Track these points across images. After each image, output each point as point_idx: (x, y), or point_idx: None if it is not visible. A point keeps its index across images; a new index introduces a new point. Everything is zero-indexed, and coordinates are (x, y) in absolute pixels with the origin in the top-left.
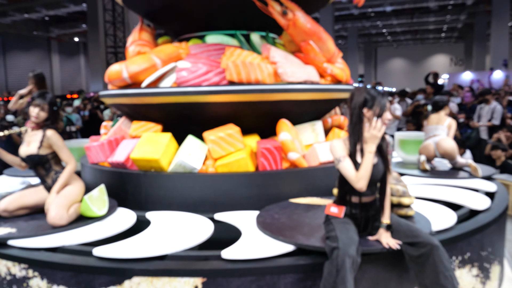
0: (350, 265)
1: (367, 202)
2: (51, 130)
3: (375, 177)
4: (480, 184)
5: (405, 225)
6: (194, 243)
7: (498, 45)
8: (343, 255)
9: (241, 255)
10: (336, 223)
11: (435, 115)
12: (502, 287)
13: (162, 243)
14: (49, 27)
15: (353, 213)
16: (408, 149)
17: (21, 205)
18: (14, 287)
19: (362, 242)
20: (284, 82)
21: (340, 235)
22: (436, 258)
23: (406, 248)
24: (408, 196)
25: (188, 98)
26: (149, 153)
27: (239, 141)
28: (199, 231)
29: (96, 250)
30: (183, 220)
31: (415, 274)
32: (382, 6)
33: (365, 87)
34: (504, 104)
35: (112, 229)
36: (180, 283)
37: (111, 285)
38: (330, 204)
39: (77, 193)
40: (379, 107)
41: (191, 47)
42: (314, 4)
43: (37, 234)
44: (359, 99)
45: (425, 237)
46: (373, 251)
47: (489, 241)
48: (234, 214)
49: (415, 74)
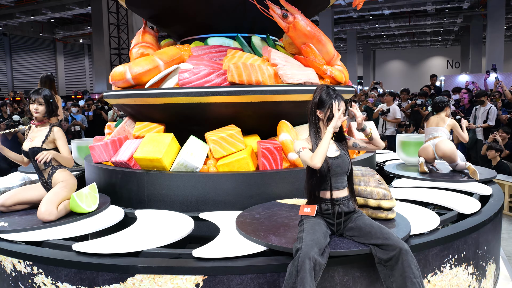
0: (310, 267)
1: (338, 198)
2: (58, 127)
3: (342, 169)
4: (476, 187)
5: (377, 227)
6: (169, 241)
7: (494, 48)
8: (304, 256)
9: (210, 254)
10: (307, 223)
11: (435, 117)
12: (498, 285)
13: (139, 240)
14: (55, 29)
15: (325, 211)
16: (409, 151)
17: (18, 201)
18: (19, 283)
19: (333, 245)
20: (285, 84)
21: (305, 237)
22: (405, 263)
23: (376, 251)
24: (389, 199)
25: (190, 99)
26: (151, 153)
27: (240, 141)
28: (178, 230)
29: (75, 246)
30: (168, 218)
31: (383, 278)
32: (380, 10)
33: (323, 87)
34: (498, 106)
35: (96, 226)
36: (182, 281)
37: (114, 283)
38: (303, 205)
39: (69, 190)
40: (330, 109)
41: (194, 49)
42: (314, 7)
43: (26, 229)
44: (314, 100)
45: (396, 240)
46: (342, 253)
47: (485, 240)
48: (223, 214)
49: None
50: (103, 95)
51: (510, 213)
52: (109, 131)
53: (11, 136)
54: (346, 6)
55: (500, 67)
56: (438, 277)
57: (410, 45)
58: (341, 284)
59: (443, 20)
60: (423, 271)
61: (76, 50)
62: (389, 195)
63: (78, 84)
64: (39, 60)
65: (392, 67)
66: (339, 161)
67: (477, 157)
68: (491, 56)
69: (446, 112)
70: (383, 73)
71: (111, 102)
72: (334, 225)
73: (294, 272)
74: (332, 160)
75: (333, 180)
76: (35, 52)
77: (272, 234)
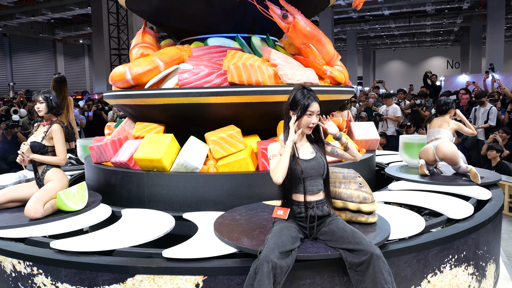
0: (268, 270)
1: (312, 201)
2: (57, 125)
3: (316, 171)
4: (475, 191)
5: (350, 231)
6: (143, 240)
7: (494, 48)
8: (262, 259)
9: (180, 255)
10: (277, 226)
11: (438, 119)
12: (498, 285)
13: (116, 238)
14: (55, 30)
15: (297, 214)
16: (412, 153)
17: (11, 198)
18: (19, 284)
19: (303, 248)
20: (284, 84)
21: (270, 239)
22: (376, 268)
23: (347, 255)
24: (369, 202)
25: (190, 99)
26: (151, 153)
27: (240, 142)
28: (157, 229)
29: (52, 243)
30: (151, 218)
31: (355, 283)
32: (380, 10)
33: (299, 87)
34: (498, 106)
35: (81, 223)
36: (182, 281)
37: (114, 283)
38: (277, 207)
39: (58, 189)
40: (301, 111)
41: (193, 49)
42: (314, 8)
43: (12, 226)
44: (288, 100)
45: (367, 245)
46: (310, 258)
47: (485, 240)
48: (208, 214)
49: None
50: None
51: (510, 213)
52: (109, 132)
53: (10, 136)
54: (346, 6)
55: (500, 67)
56: (438, 278)
57: (410, 46)
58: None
59: (443, 20)
60: (423, 271)
61: (76, 51)
62: (370, 199)
63: (78, 85)
64: (39, 60)
65: (392, 68)
66: (313, 164)
67: (478, 158)
68: (491, 57)
69: (450, 114)
70: (383, 73)
71: (111, 103)
72: (307, 229)
73: (253, 274)
74: (307, 162)
75: (307, 183)
76: (35, 52)
77: (246, 236)
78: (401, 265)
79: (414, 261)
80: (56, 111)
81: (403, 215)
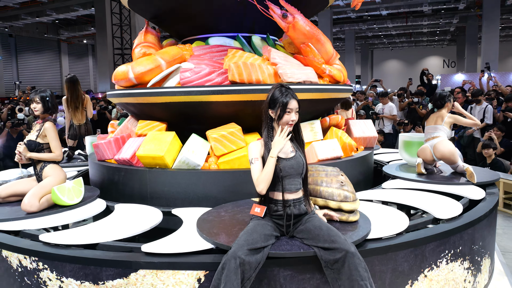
0: (235, 266)
1: (289, 200)
2: (49, 122)
3: (295, 170)
4: (469, 190)
5: (326, 229)
6: (126, 234)
7: (489, 47)
8: (230, 256)
9: (158, 249)
10: (252, 223)
11: (434, 114)
12: (492, 279)
13: (103, 232)
14: (59, 30)
15: (274, 212)
16: (412, 151)
17: (12, 192)
18: (25, 278)
19: (277, 245)
20: (284, 82)
21: (241, 236)
22: (351, 265)
23: (322, 253)
24: (351, 201)
25: (191, 98)
26: (154, 151)
27: (240, 139)
28: (143, 224)
29: (41, 236)
30: (141, 213)
31: (331, 281)
32: (378, 10)
33: (277, 85)
34: (494, 104)
35: (74, 217)
36: (184, 276)
37: (117, 278)
38: (255, 204)
39: (54, 184)
40: (280, 108)
41: (195, 48)
42: (313, 8)
43: (8, 219)
44: (266, 99)
45: (342, 243)
46: (282, 255)
47: (480, 236)
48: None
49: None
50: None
51: (505, 209)
52: (113, 130)
53: (16, 134)
54: (345, 6)
55: (495, 66)
56: (434, 272)
57: (407, 45)
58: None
59: (439, 20)
60: (420, 266)
61: (80, 51)
62: (351, 197)
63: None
64: (44, 60)
65: (389, 67)
66: (292, 163)
67: (474, 155)
68: (486, 56)
69: (447, 108)
70: (381, 72)
71: (114, 101)
72: (283, 227)
73: (220, 269)
74: (286, 161)
75: (285, 181)
76: (40, 52)
77: (224, 232)
78: (398, 260)
79: (412, 256)
80: (52, 111)
81: (389, 214)
